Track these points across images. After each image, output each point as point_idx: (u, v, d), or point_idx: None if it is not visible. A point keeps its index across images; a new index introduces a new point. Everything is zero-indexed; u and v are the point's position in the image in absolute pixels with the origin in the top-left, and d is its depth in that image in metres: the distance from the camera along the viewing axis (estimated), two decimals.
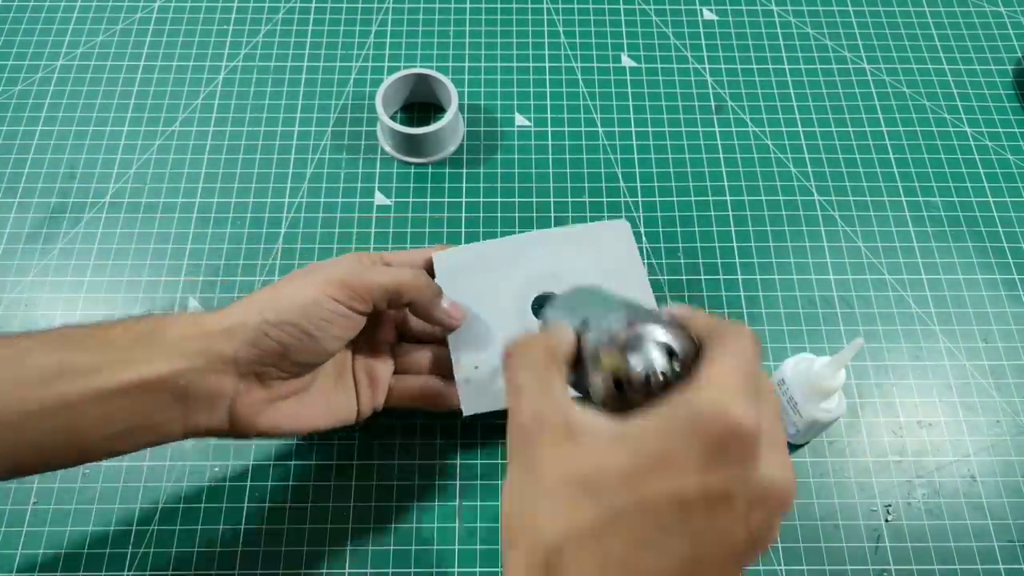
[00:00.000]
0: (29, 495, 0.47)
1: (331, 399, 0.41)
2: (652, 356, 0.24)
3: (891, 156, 0.60)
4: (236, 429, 0.36)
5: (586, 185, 0.58)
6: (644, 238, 0.56)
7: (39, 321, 0.52)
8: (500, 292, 0.45)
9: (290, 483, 0.47)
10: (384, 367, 0.44)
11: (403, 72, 0.58)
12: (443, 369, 0.45)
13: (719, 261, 0.55)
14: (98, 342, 0.33)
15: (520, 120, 0.61)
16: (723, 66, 0.64)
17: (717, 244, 0.56)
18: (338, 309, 0.36)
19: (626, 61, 0.64)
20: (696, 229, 0.56)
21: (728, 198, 0.58)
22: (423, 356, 0.45)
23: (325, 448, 0.48)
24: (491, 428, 0.49)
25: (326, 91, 0.62)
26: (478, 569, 0.45)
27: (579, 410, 0.24)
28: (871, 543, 0.46)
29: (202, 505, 0.47)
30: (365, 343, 0.43)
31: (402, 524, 0.46)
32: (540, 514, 0.23)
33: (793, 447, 0.49)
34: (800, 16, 0.66)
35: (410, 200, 0.57)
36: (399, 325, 0.46)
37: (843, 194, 0.58)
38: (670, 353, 0.24)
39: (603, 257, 0.45)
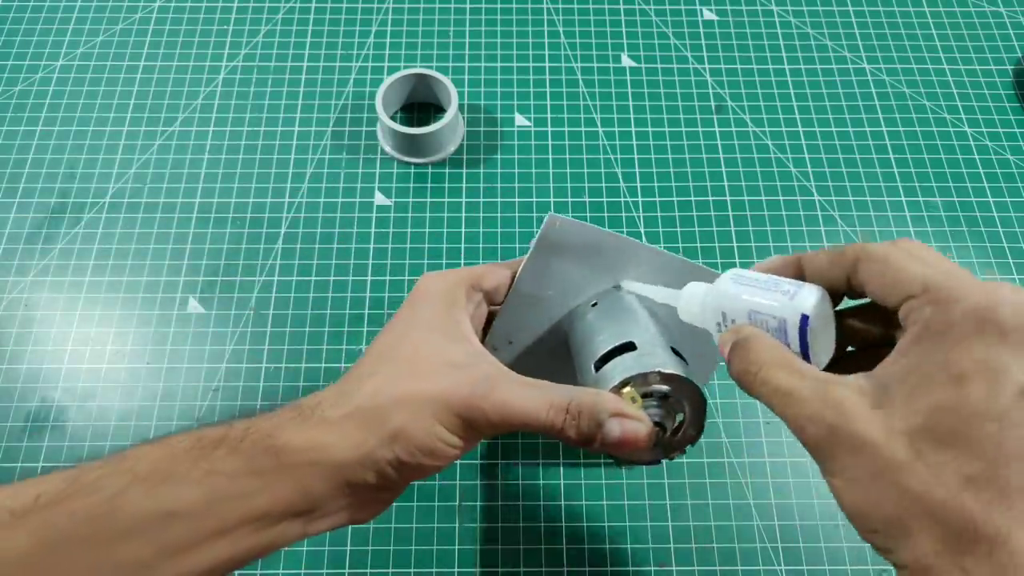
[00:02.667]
0: None
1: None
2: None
3: (891, 156, 0.60)
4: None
5: (586, 185, 0.58)
6: (644, 238, 0.56)
7: (39, 321, 0.52)
8: (582, 293, 0.39)
9: None
10: None
11: (403, 72, 0.58)
12: None
13: (719, 261, 0.55)
14: (204, 472, 0.28)
15: (520, 120, 0.61)
16: (723, 66, 0.64)
17: (717, 244, 0.56)
18: (456, 444, 0.31)
19: (626, 61, 0.64)
20: (696, 229, 0.56)
21: (728, 198, 0.58)
22: None
23: None
24: None
25: (326, 91, 0.62)
26: (478, 569, 0.45)
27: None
28: None
29: None
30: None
31: (402, 524, 0.46)
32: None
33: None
34: (800, 16, 0.67)
35: (410, 200, 0.57)
36: None
37: (843, 194, 0.58)
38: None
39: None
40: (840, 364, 0.29)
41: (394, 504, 0.47)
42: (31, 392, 0.50)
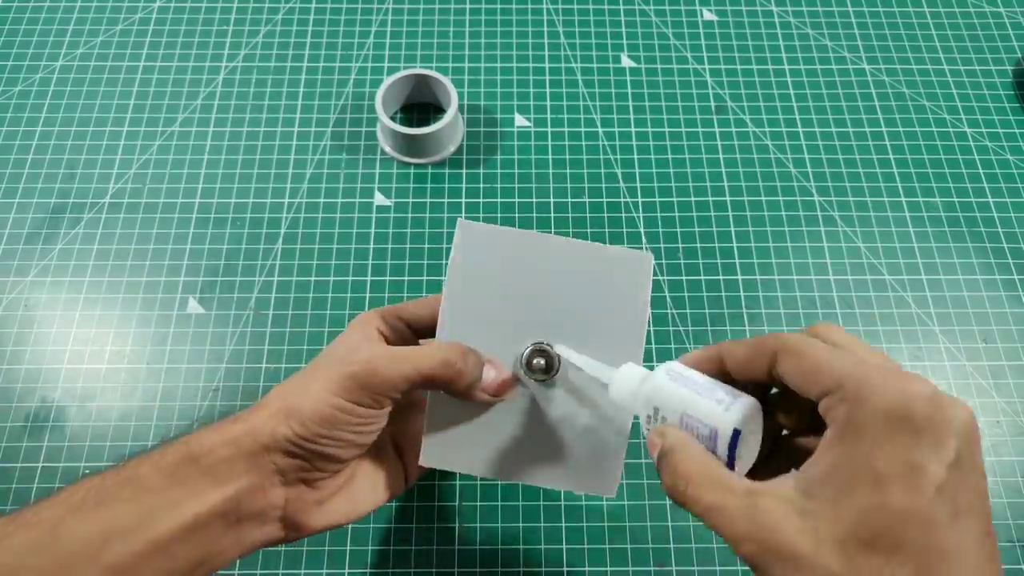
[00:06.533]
0: (28, 496, 0.47)
1: (378, 479, 0.38)
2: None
3: (891, 156, 0.60)
4: (291, 535, 0.34)
5: (586, 185, 0.58)
6: (644, 238, 0.56)
7: (39, 321, 0.52)
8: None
9: None
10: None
11: (403, 72, 0.58)
12: None
13: (719, 261, 0.55)
14: (133, 490, 0.30)
15: (520, 120, 0.61)
16: (723, 66, 0.64)
17: (717, 244, 0.56)
18: (359, 413, 0.33)
19: (626, 61, 0.64)
20: (696, 229, 0.56)
21: (728, 198, 0.58)
22: None
23: None
24: None
25: (326, 91, 0.62)
26: (478, 569, 0.45)
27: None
28: None
29: None
30: (398, 413, 0.39)
31: (402, 524, 0.46)
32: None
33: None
34: (800, 16, 0.67)
35: (410, 200, 0.57)
36: None
37: (843, 194, 0.58)
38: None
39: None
40: (772, 457, 0.30)
41: (394, 504, 0.47)
42: (31, 392, 0.50)
